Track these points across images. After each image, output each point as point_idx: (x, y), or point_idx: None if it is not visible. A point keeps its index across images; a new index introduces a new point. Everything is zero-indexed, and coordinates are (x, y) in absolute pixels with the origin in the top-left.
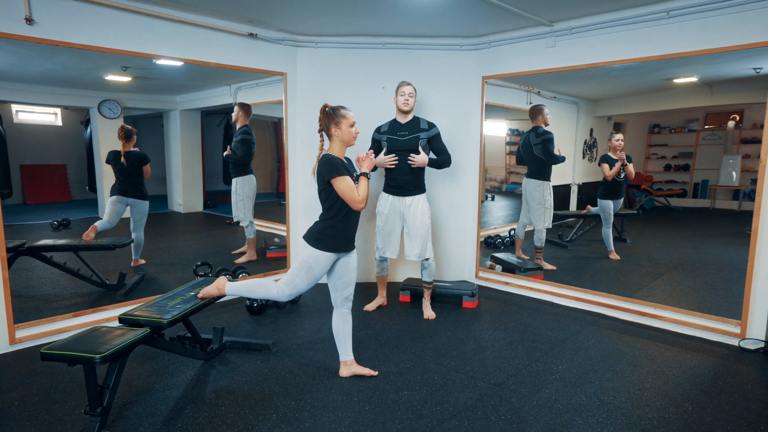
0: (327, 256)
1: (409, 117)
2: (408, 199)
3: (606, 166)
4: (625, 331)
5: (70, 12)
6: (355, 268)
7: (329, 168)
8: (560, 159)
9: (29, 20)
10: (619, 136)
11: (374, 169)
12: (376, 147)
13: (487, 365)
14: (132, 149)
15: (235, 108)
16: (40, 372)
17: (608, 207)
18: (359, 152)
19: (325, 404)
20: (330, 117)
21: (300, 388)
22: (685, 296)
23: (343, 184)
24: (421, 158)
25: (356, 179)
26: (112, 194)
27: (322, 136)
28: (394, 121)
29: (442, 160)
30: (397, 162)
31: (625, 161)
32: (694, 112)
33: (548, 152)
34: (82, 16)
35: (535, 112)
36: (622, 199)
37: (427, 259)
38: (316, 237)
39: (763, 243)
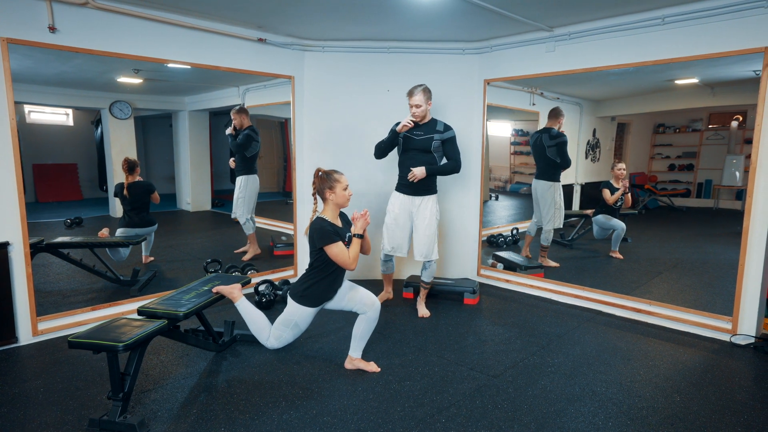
0: (311, 311)
1: (427, 119)
2: (418, 199)
3: (607, 191)
4: (621, 327)
5: (90, 20)
6: (346, 287)
7: (321, 235)
8: (570, 163)
9: (52, 28)
10: (622, 165)
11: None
12: (393, 135)
13: (486, 358)
14: (136, 180)
15: (233, 116)
16: (62, 361)
17: (602, 224)
18: (355, 210)
19: (331, 393)
20: (324, 181)
21: (307, 378)
22: (682, 294)
23: (335, 250)
24: (419, 172)
25: (348, 241)
26: (120, 226)
27: (315, 198)
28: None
29: (444, 167)
30: (412, 125)
31: (627, 190)
32: (697, 112)
33: (564, 154)
34: (101, 23)
35: (556, 113)
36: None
37: (430, 261)
38: (302, 294)
39: (753, 242)
